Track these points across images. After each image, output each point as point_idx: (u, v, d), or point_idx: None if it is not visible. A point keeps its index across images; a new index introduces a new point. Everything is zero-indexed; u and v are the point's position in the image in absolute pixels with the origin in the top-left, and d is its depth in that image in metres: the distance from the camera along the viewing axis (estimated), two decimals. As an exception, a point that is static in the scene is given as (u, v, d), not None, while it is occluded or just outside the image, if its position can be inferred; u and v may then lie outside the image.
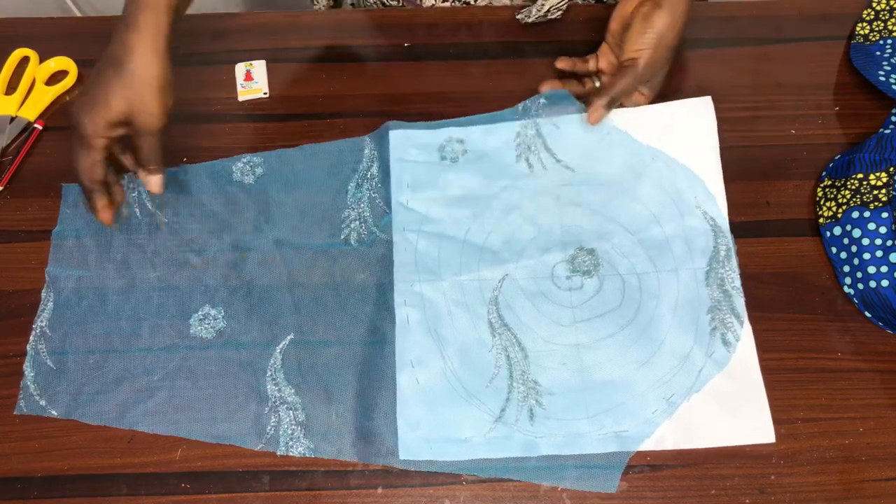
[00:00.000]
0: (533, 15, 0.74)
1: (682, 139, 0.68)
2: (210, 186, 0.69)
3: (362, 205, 0.68)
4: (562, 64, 0.70)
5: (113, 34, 0.57)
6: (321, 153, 0.70)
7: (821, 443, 0.58)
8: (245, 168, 0.69)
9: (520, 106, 0.70)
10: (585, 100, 0.69)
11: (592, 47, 0.71)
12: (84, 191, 0.60)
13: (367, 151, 0.70)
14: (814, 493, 0.57)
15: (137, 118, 0.57)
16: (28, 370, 0.62)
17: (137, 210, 0.68)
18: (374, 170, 0.69)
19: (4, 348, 0.63)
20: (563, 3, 0.74)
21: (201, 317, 0.64)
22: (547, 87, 0.69)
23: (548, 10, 0.74)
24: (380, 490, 0.58)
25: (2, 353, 0.63)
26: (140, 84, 0.56)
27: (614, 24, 0.68)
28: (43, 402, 0.61)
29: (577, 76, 0.71)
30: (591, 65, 0.71)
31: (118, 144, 0.61)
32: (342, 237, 0.66)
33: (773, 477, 0.57)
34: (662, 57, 0.65)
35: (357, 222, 0.67)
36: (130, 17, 0.56)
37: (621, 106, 0.68)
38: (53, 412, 0.60)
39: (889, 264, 0.60)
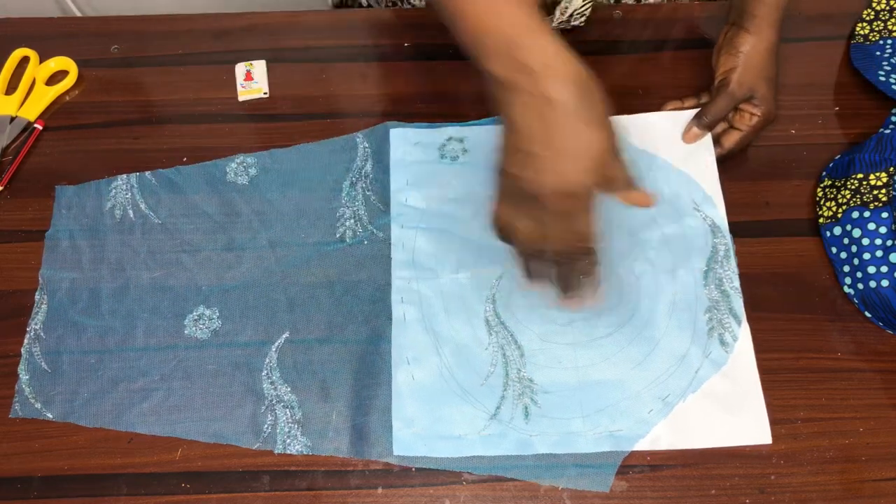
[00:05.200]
0: (555, 21, 0.74)
1: (679, 145, 0.68)
2: (204, 187, 0.69)
3: (357, 203, 0.68)
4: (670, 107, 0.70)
5: (527, 82, 0.44)
6: (314, 152, 0.70)
7: (821, 443, 0.58)
8: (239, 169, 0.69)
9: None
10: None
11: (594, 46, 0.71)
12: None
13: (360, 150, 0.70)
14: (814, 493, 0.56)
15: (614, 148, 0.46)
16: (23, 373, 0.62)
17: (131, 211, 0.68)
18: (369, 168, 0.69)
19: (4, 348, 0.63)
20: (586, 6, 0.73)
21: (196, 317, 0.64)
22: (671, 107, 0.70)
23: (571, 15, 0.73)
24: (380, 490, 0.58)
25: (2, 353, 0.63)
26: (595, 102, 0.44)
27: (713, 58, 0.69)
28: (38, 406, 0.61)
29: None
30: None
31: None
32: (337, 235, 0.66)
33: (773, 477, 0.57)
34: (753, 75, 0.65)
35: (352, 220, 0.67)
36: (532, 52, 0.43)
37: (735, 129, 0.67)
38: (49, 415, 0.60)
39: (889, 264, 0.60)
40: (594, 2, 0.73)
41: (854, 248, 0.62)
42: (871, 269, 0.61)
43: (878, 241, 0.61)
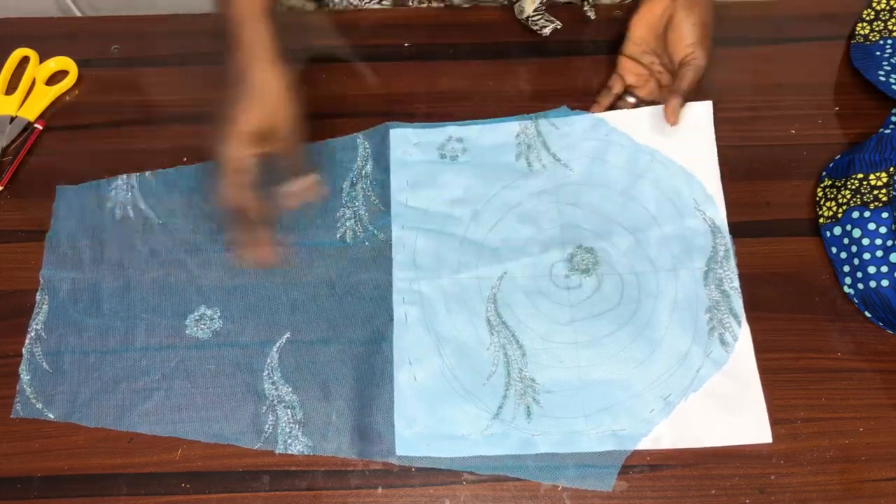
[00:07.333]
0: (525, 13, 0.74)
1: (681, 142, 0.68)
2: (205, 187, 0.69)
3: (357, 203, 0.68)
4: (600, 108, 0.70)
5: (226, 58, 0.56)
6: (314, 152, 0.70)
7: (821, 443, 0.58)
8: None
9: (518, 117, 0.71)
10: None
11: (593, 46, 0.71)
12: (230, 224, 0.59)
13: (360, 150, 0.70)
14: (814, 493, 0.57)
15: (273, 131, 0.56)
16: (24, 373, 0.62)
17: (132, 211, 0.68)
18: (369, 168, 0.69)
19: (4, 348, 0.63)
20: (544, 24, 0.73)
21: (197, 317, 0.64)
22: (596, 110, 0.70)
23: (527, 18, 0.73)
24: (380, 490, 0.58)
25: (2, 353, 0.63)
26: (265, 95, 0.55)
27: (640, 30, 0.68)
28: (40, 406, 0.61)
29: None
30: (619, 86, 0.70)
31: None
32: (338, 236, 0.66)
33: (773, 477, 0.57)
34: (710, 47, 0.65)
35: (352, 220, 0.67)
36: (234, 37, 0.56)
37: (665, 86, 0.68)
38: (50, 415, 0.60)
39: (889, 264, 0.60)
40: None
41: (854, 248, 0.62)
42: (871, 269, 0.61)
43: (878, 241, 0.61)
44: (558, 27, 0.73)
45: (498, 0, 0.77)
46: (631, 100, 0.70)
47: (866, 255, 0.61)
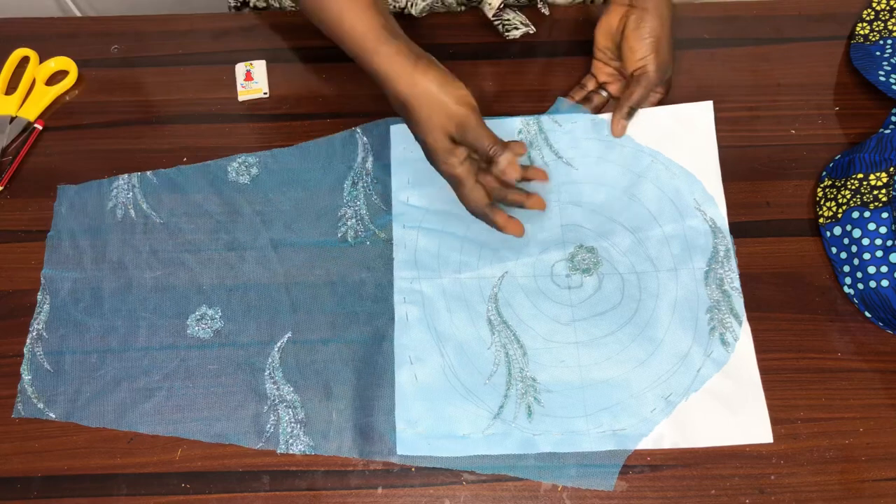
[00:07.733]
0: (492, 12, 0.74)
1: (682, 142, 0.68)
2: (205, 187, 0.69)
3: (358, 202, 0.68)
4: (571, 101, 0.71)
5: (383, 87, 0.57)
6: (315, 151, 0.70)
7: (821, 443, 0.58)
8: (240, 168, 0.70)
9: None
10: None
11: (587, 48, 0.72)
12: (482, 218, 0.61)
13: (360, 144, 0.70)
14: (814, 493, 0.57)
15: (461, 126, 0.56)
16: (25, 373, 0.62)
17: (133, 211, 0.68)
18: (370, 166, 0.69)
19: (5, 348, 0.63)
20: (515, 26, 0.73)
21: (198, 317, 0.64)
22: (566, 105, 0.71)
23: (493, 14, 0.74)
24: (380, 490, 0.58)
25: (2, 353, 0.63)
26: (430, 108, 0.56)
27: (602, 39, 0.69)
28: (41, 405, 0.61)
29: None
30: (592, 84, 0.72)
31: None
32: (339, 235, 0.66)
33: (773, 477, 0.57)
34: (666, 58, 0.66)
35: (353, 220, 0.67)
36: (372, 69, 0.57)
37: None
38: (52, 415, 0.60)
39: (889, 264, 0.60)
40: None
41: (854, 248, 0.62)
42: (871, 269, 0.61)
43: (878, 241, 0.61)
44: (531, 31, 0.73)
45: (447, 5, 0.77)
46: (603, 93, 0.71)
47: (866, 255, 0.61)
